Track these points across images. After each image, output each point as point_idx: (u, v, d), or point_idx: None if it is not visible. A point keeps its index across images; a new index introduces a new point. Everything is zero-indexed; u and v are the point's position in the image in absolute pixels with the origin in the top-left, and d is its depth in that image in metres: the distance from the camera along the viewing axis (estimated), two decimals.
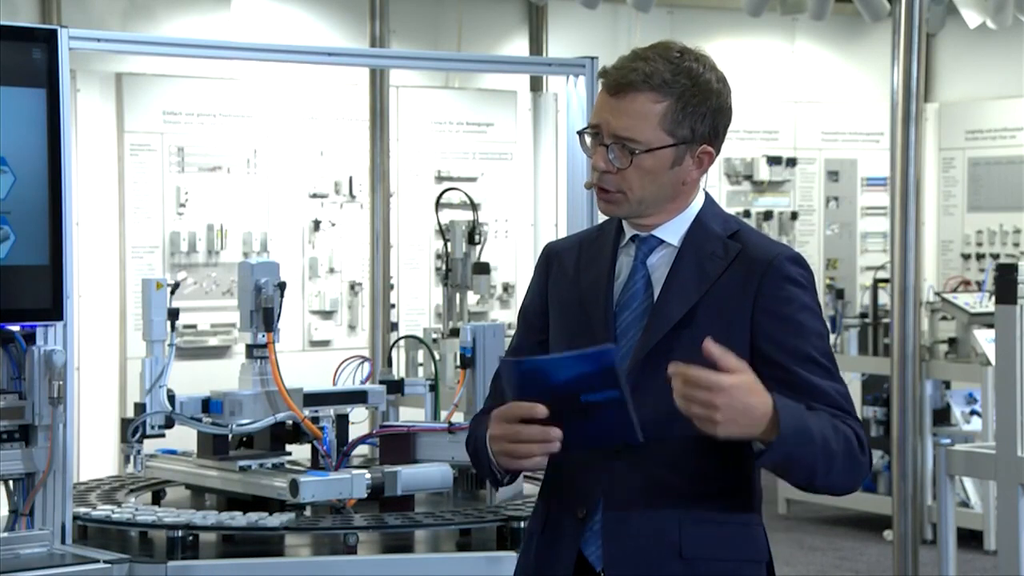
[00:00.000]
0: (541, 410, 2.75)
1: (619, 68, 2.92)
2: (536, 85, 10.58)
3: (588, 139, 2.96)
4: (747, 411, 2.70)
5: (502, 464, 2.86)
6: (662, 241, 2.97)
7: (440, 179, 9.79)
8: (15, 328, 4.04)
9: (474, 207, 5.85)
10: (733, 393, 2.68)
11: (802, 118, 11.89)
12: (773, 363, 2.85)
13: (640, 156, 2.89)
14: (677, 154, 2.92)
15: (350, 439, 4.54)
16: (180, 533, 4.02)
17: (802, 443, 2.75)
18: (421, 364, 5.44)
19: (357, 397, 4.66)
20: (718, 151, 2.97)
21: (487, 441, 2.87)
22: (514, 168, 10.20)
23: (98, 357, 8.61)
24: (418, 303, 9.81)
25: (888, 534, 8.52)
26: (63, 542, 3.99)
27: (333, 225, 9.50)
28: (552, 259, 3.10)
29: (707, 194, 3.02)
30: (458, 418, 4.70)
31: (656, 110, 2.89)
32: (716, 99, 2.93)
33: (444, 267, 5.58)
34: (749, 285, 2.89)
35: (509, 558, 4.00)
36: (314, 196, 9.46)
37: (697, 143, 2.93)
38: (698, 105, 2.90)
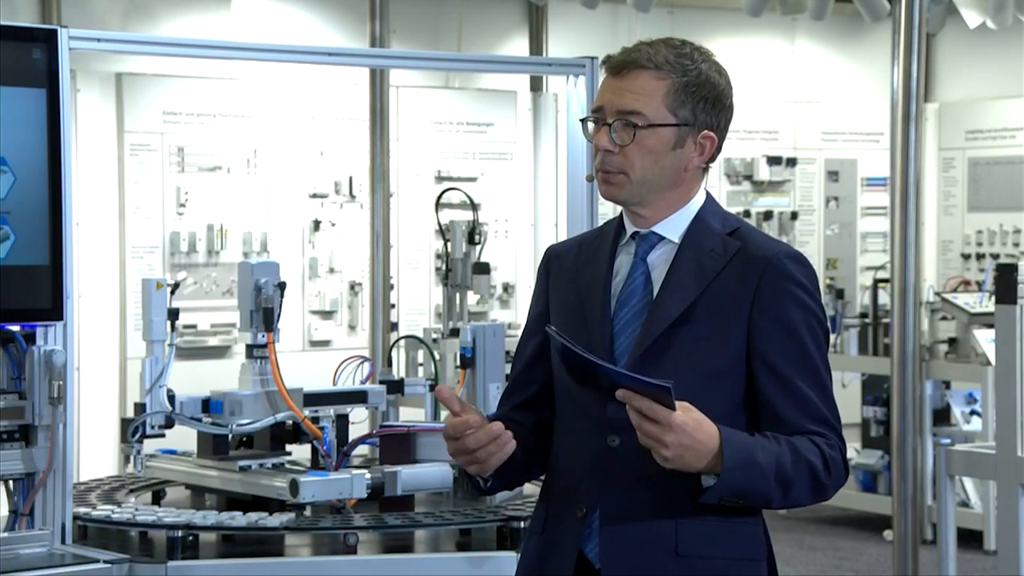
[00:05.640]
0: (475, 421, 2.84)
1: (623, 51, 2.96)
2: (536, 85, 10.57)
3: (590, 125, 2.98)
4: (694, 447, 2.74)
5: (475, 471, 2.94)
6: (662, 238, 2.98)
7: (440, 179, 9.79)
8: (15, 328, 4.04)
9: (474, 207, 5.85)
10: (682, 430, 2.72)
11: (802, 118, 11.88)
12: (765, 364, 2.87)
13: (642, 132, 2.90)
14: (679, 135, 2.93)
15: (350, 439, 4.54)
16: (180, 533, 4.02)
17: (750, 476, 2.79)
18: (421, 364, 5.44)
19: (357, 397, 4.66)
20: (721, 141, 2.98)
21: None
22: (514, 168, 10.20)
23: (98, 357, 8.60)
24: (418, 303, 9.81)
25: (888, 534, 8.52)
26: (63, 542, 4.00)
27: (333, 225, 9.50)
28: (552, 261, 3.12)
29: (708, 193, 3.03)
30: None
31: (659, 87, 2.91)
32: (717, 88, 2.95)
33: (444, 267, 5.58)
34: (748, 283, 2.89)
35: (509, 558, 4.00)
36: (314, 196, 9.45)
37: (698, 129, 2.94)
38: (699, 88, 2.92)
